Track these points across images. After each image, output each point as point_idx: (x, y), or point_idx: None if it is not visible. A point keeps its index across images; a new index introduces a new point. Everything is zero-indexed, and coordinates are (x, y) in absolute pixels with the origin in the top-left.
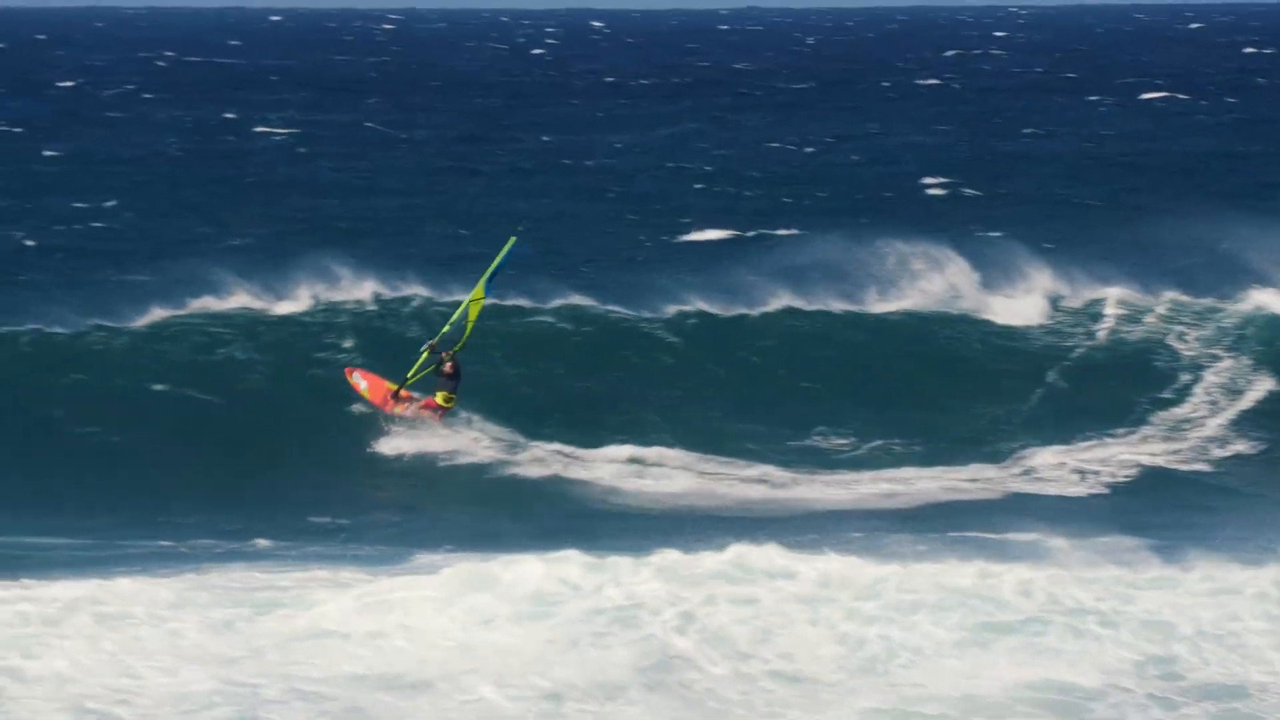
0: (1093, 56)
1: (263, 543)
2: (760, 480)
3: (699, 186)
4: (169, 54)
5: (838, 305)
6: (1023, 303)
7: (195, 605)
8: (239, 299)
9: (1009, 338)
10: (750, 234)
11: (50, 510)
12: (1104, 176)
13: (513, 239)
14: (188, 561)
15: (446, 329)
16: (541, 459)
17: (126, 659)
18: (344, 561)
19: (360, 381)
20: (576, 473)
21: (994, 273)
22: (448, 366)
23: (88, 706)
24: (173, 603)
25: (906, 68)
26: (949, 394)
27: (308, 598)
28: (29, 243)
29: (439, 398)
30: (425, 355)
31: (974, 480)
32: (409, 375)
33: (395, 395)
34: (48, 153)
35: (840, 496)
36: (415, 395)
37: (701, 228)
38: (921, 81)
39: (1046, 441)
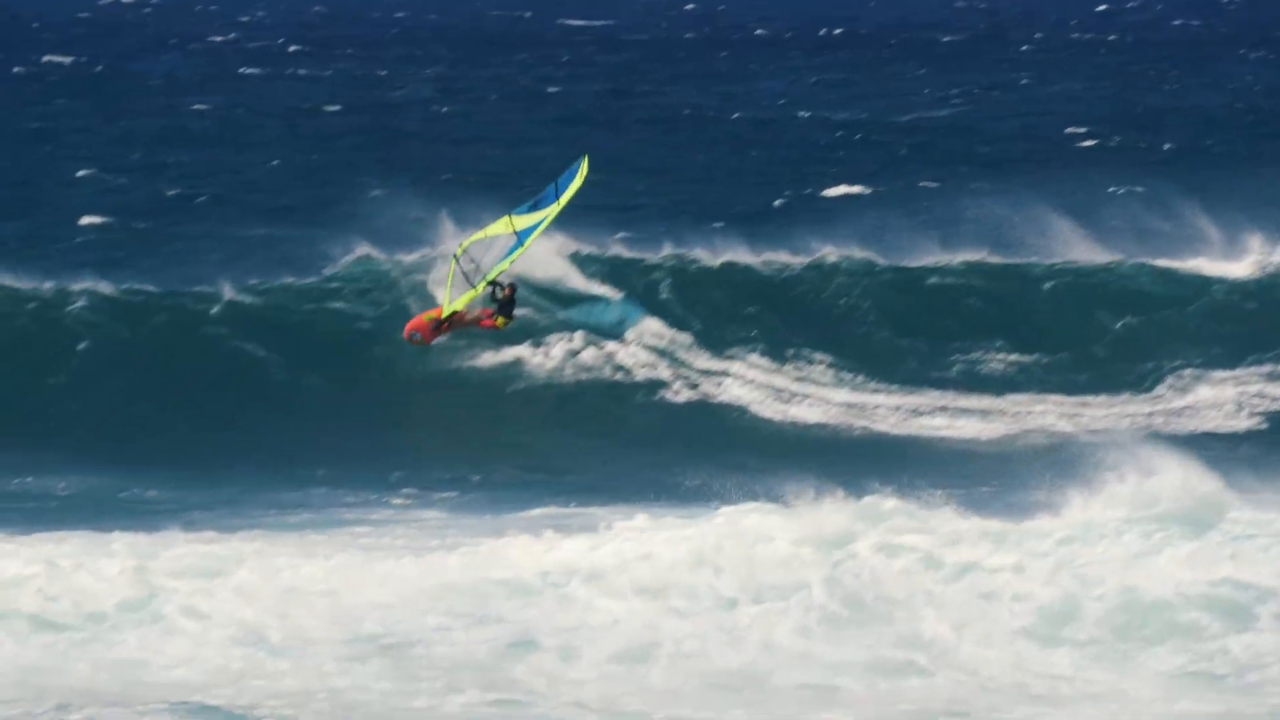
0: (1249, 9)
1: (398, 500)
2: (914, 411)
3: (843, 136)
4: (318, 9)
5: (987, 255)
6: (1182, 249)
7: (353, 550)
8: (386, 252)
9: (1167, 282)
10: (898, 185)
11: (195, 468)
12: (1253, 130)
13: (585, 159)
14: (335, 507)
15: (506, 264)
16: (690, 379)
17: (291, 592)
18: (496, 512)
19: (415, 335)
20: (726, 397)
21: (1146, 221)
22: (506, 291)
23: (251, 625)
24: (332, 548)
25: (1061, 20)
26: (1108, 333)
27: (465, 544)
28: (172, 192)
29: (499, 321)
30: (482, 287)
31: (1148, 410)
32: (456, 304)
33: (437, 325)
34: (197, 106)
35: (1011, 429)
36: (467, 311)
37: (849, 179)
38: (1075, 36)
39: (1215, 367)
